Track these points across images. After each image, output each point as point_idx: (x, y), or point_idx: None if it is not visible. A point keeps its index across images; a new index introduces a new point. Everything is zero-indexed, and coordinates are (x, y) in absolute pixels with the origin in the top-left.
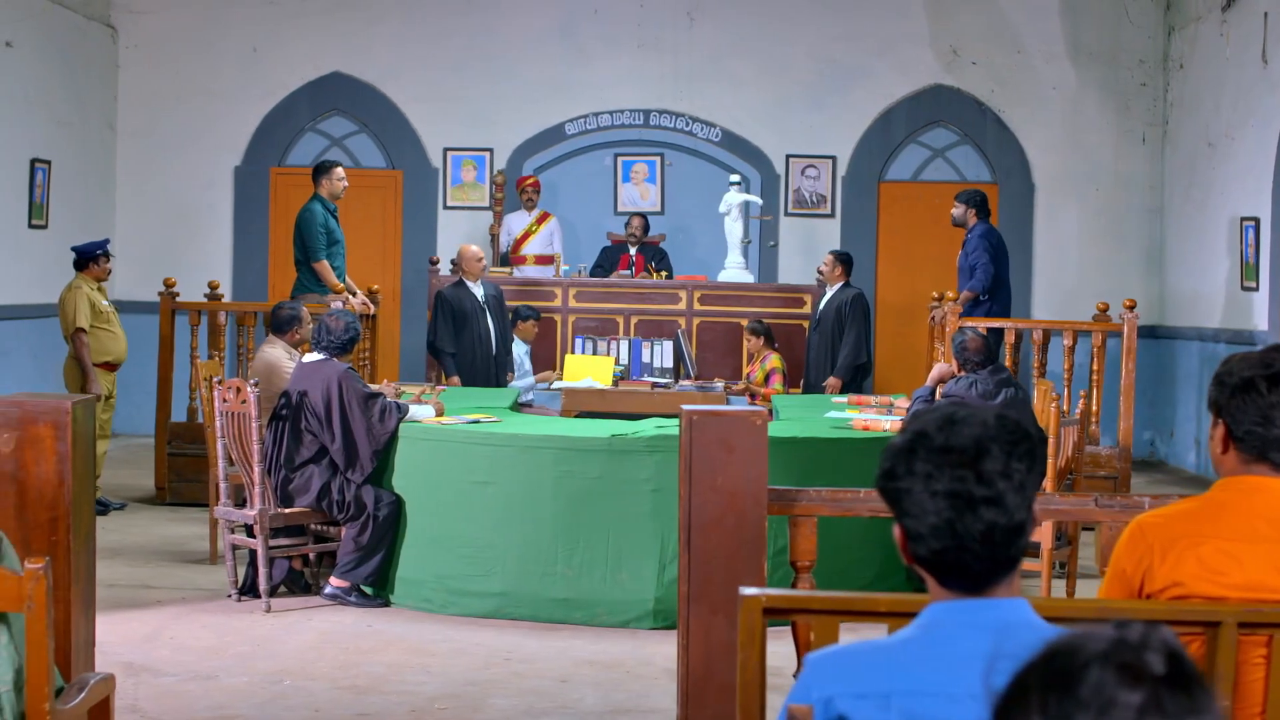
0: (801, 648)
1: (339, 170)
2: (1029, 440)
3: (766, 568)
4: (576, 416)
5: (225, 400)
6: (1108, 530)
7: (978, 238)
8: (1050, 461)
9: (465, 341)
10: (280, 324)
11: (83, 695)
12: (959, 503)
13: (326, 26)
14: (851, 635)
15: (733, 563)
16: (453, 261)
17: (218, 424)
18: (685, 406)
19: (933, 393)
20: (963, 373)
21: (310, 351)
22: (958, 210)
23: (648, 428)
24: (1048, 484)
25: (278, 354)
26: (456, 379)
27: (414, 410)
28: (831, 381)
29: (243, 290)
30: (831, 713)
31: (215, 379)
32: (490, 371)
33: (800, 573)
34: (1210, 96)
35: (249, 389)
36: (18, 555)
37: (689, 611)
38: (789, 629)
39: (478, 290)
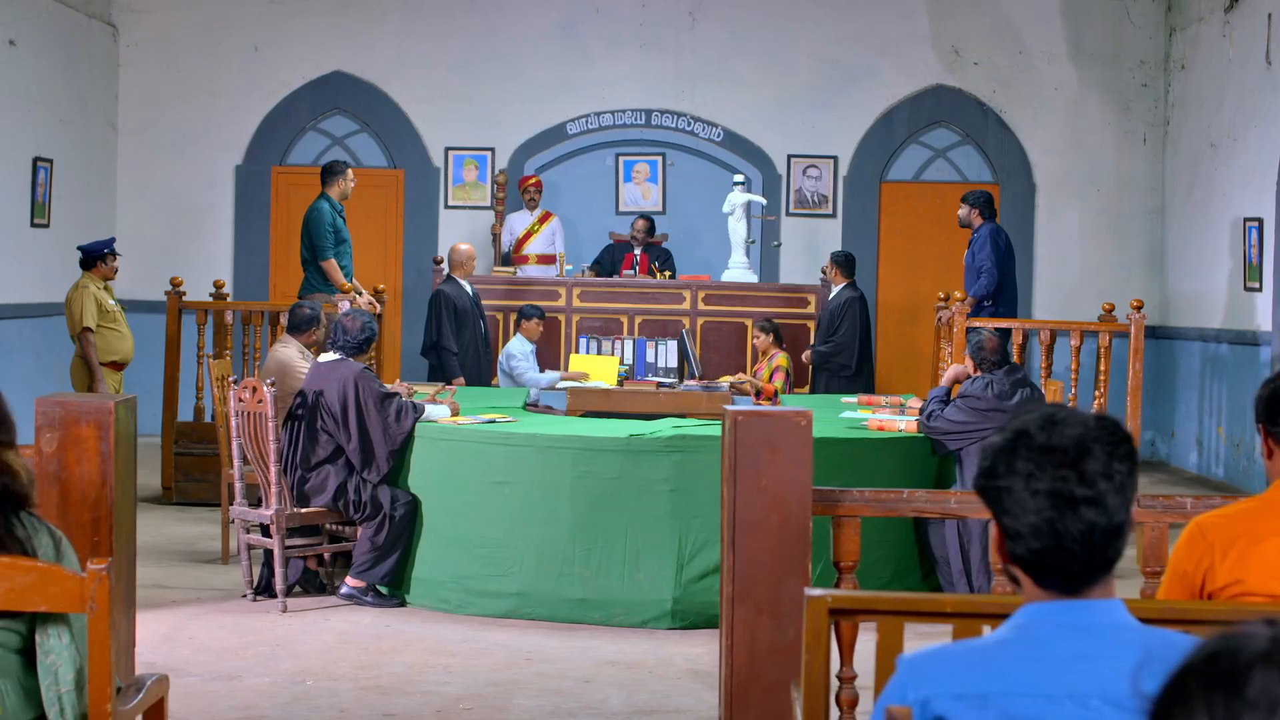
0: (845, 648)
1: (351, 172)
2: (1129, 441)
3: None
4: (581, 416)
5: (241, 400)
6: (1150, 531)
7: (985, 239)
8: None
9: (465, 339)
10: (299, 323)
11: (141, 695)
12: (1060, 502)
13: (328, 25)
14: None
15: (777, 563)
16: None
17: (233, 424)
18: (728, 407)
19: (948, 393)
20: (979, 373)
21: (324, 352)
22: (963, 211)
23: (665, 428)
24: None
25: (290, 354)
26: (462, 379)
27: (430, 410)
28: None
29: (244, 289)
30: (929, 714)
31: (229, 378)
32: (487, 370)
33: (843, 573)
34: (1212, 97)
35: (265, 389)
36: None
37: (733, 612)
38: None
39: (468, 289)
